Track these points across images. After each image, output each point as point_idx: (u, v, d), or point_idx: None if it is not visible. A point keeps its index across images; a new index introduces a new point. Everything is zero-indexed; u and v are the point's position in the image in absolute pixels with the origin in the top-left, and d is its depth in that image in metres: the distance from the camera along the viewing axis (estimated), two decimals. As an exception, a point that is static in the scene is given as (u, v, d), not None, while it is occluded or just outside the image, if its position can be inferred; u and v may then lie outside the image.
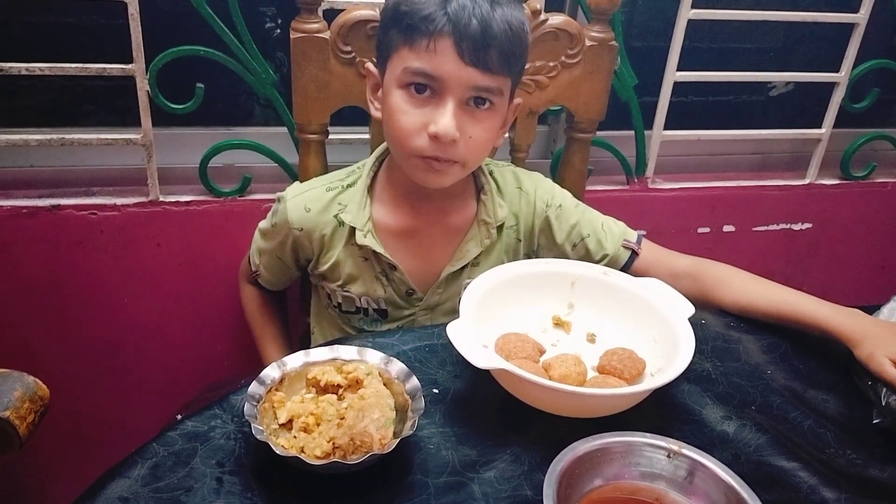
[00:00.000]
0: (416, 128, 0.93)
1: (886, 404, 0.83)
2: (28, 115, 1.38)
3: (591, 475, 0.70)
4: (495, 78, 0.92)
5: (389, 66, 0.95)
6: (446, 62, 0.90)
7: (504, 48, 0.91)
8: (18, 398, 0.78)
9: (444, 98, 0.92)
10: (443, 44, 0.89)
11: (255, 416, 0.71)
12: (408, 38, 0.91)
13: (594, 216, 1.12)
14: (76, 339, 1.40)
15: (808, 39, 1.73)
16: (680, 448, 0.71)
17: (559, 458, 0.68)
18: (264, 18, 1.39)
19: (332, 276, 1.09)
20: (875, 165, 1.72)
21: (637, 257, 1.08)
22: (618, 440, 0.72)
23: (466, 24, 0.88)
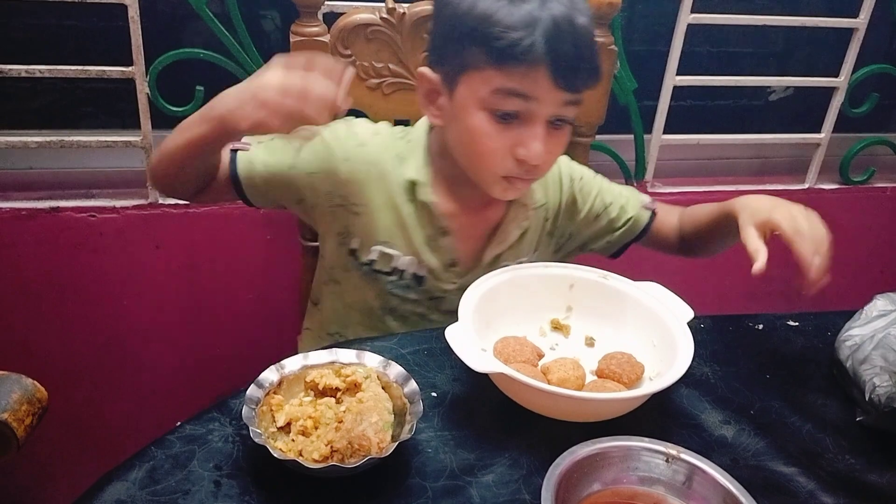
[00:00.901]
0: (502, 150, 0.91)
1: (870, 399, 0.83)
2: (28, 117, 1.38)
3: (590, 480, 0.70)
4: (579, 95, 0.91)
5: (465, 82, 0.90)
6: (542, 89, 0.87)
7: (592, 64, 0.90)
8: (16, 400, 0.78)
9: (534, 122, 0.90)
10: (540, 72, 0.86)
11: (253, 419, 0.70)
12: (498, 62, 0.86)
13: (612, 185, 1.14)
14: (75, 341, 1.39)
15: (808, 44, 1.73)
16: (678, 453, 0.71)
17: (557, 463, 0.68)
18: (264, 21, 1.39)
19: (361, 228, 1.01)
20: (874, 170, 1.72)
21: (655, 217, 1.13)
22: (616, 445, 0.72)
23: (562, 50, 0.85)
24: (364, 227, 1.01)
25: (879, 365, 0.86)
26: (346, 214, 1.01)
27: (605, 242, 1.15)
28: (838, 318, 0.98)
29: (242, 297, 1.45)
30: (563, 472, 0.67)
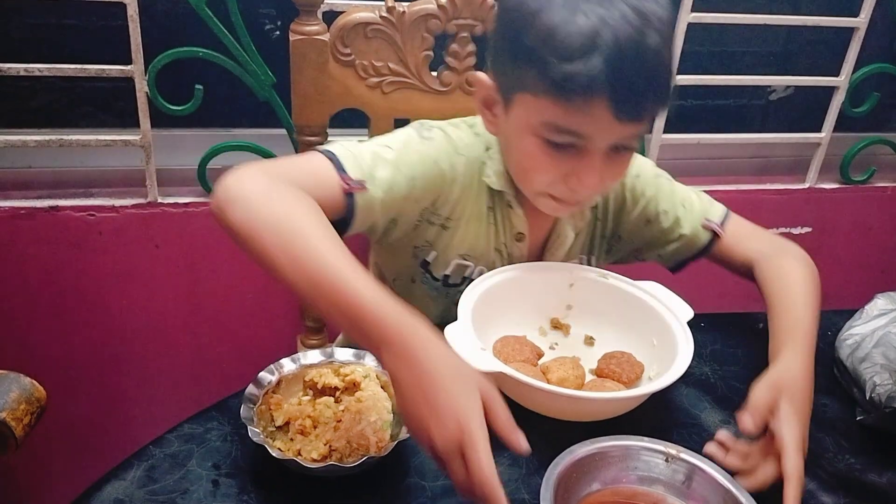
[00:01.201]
0: (552, 178, 0.84)
1: (870, 399, 0.82)
2: (27, 116, 1.38)
3: (589, 479, 0.70)
4: (645, 123, 0.82)
5: (520, 102, 0.82)
6: (600, 122, 0.77)
7: (660, 92, 0.79)
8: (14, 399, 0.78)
9: (590, 154, 0.81)
10: (599, 105, 0.75)
11: (251, 418, 0.70)
12: (554, 92, 0.76)
13: (676, 189, 1.02)
14: (73, 341, 1.39)
15: (809, 43, 1.73)
16: (678, 452, 0.71)
17: (556, 462, 0.68)
18: (263, 20, 1.39)
19: (445, 241, 0.94)
20: (875, 170, 1.72)
21: (719, 240, 1.00)
22: (616, 444, 0.72)
23: (627, 81, 0.74)
24: (449, 240, 0.95)
25: (880, 363, 0.86)
26: (434, 229, 0.94)
27: (657, 255, 1.04)
28: (838, 318, 0.98)
29: (241, 295, 1.45)
30: (562, 472, 0.67)
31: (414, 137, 0.89)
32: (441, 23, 1.11)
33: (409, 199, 0.87)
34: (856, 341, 0.92)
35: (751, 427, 0.73)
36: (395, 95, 1.15)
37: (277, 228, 0.68)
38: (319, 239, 0.68)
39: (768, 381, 0.77)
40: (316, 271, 0.65)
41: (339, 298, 0.64)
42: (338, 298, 0.64)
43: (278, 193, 0.71)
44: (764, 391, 0.76)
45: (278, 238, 0.68)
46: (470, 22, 1.13)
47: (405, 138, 0.88)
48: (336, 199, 0.80)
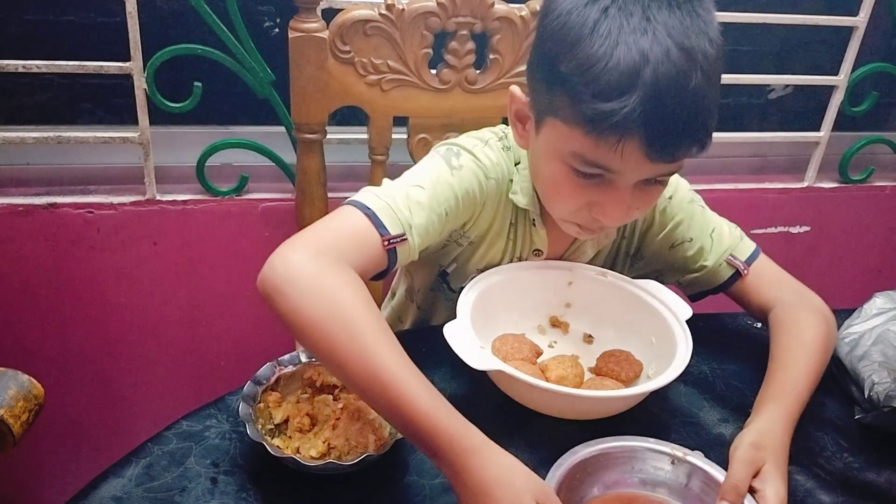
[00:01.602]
0: (577, 205, 0.82)
1: (868, 397, 0.82)
2: (25, 113, 1.38)
3: (591, 481, 0.70)
4: (680, 162, 0.78)
5: (550, 126, 0.79)
6: (630, 161, 0.74)
7: (700, 134, 0.75)
8: (12, 396, 0.78)
9: (618, 187, 0.78)
10: (631, 144, 0.73)
11: (250, 416, 0.70)
12: (586, 126, 0.73)
13: (708, 218, 0.99)
14: (71, 338, 1.39)
15: (807, 42, 1.73)
16: (685, 455, 0.71)
17: (559, 464, 0.68)
18: (262, 17, 1.39)
19: (467, 257, 0.95)
20: (873, 169, 1.72)
21: (741, 279, 0.96)
22: (619, 445, 0.72)
23: (663, 122, 0.71)
24: (470, 255, 0.95)
25: (878, 361, 0.86)
26: (460, 247, 0.95)
27: (676, 281, 1.02)
28: (837, 317, 0.98)
29: (240, 293, 1.44)
30: (564, 474, 0.67)
31: (444, 171, 0.86)
32: (440, 20, 1.11)
33: (443, 233, 0.87)
34: (854, 339, 0.92)
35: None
36: (395, 93, 1.15)
37: (328, 324, 0.67)
38: (374, 334, 0.67)
39: (750, 441, 0.73)
40: (372, 370, 0.65)
41: (393, 402, 0.64)
42: (392, 402, 0.64)
43: (326, 279, 0.70)
44: (747, 451, 0.72)
45: (329, 335, 0.67)
46: (469, 20, 1.12)
47: (436, 173, 0.85)
48: (379, 256, 0.79)
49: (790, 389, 0.81)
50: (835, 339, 0.92)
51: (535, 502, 0.61)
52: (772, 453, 0.72)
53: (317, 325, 0.67)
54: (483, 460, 0.63)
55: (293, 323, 0.68)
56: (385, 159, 1.21)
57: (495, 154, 0.90)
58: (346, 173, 1.37)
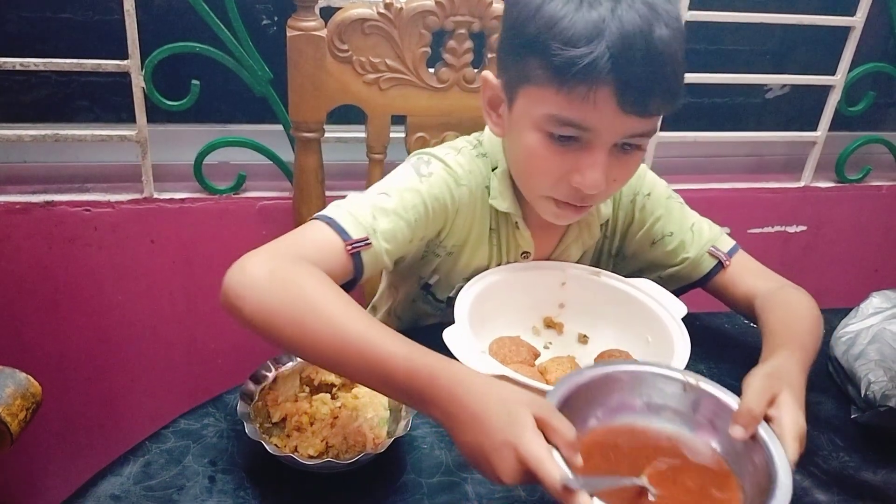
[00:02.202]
0: (556, 176, 0.82)
1: (864, 396, 0.83)
2: (22, 111, 1.37)
3: (595, 403, 0.66)
4: (652, 120, 0.79)
5: (523, 96, 0.81)
6: (603, 114, 0.75)
7: (671, 86, 0.77)
8: (10, 395, 0.78)
9: (594, 148, 0.79)
10: (602, 94, 0.74)
11: (248, 414, 0.70)
12: (558, 81, 0.75)
13: (687, 214, 1.00)
14: (69, 336, 1.39)
15: (805, 42, 1.73)
16: (697, 381, 0.67)
17: (562, 382, 0.64)
18: (260, 15, 1.39)
19: (448, 267, 0.94)
20: (870, 169, 1.72)
21: (723, 270, 0.96)
22: (628, 369, 0.69)
23: (632, 69, 0.73)
24: (452, 265, 0.94)
25: (874, 359, 0.86)
26: (438, 258, 0.94)
27: (657, 277, 1.00)
28: (833, 316, 0.98)
29: (238, 292, 1.44)
30: (566, 393, 0.63)
31: (413, 178, 0.86)
32: (439, 19, 1.11)
33: (413, 240, 0.86)
34: (851, 338, 0.92)
35: (741, 435, 0.64)
36: (393, 92, 1.15)
37: (292, 310, 0.67)
38: (335, 308, 0.67)
39: (765, 372, 0.71)
40: (343, 341, 0.65)
41: (371, 364, 0.63)
42: (370, 364, 0.64)
43: (284, 272, 0.71)
44: (761, 380, 0.69)
45: (295, 319, 0.67)
46: (468, 19, 1.12)
47: (404, 181, 0.86)
48: (343, 263, 0.78)
49: (798, 342, 0.80)
50: (822, 324, 0.91)
51: (531, 415, 0.58)
52: (788, 385, 0.69)
53: (281, 314, 0.67)
54: (470, 386, 0.61)
55: (259, 321, 0.68)
56: (383, 158, 1.21)
57: (468, 161, 0.91)
58: (343, 172, 1.37)
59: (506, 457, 0.57)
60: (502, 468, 0.57)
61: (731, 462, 0.65)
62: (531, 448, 0.56)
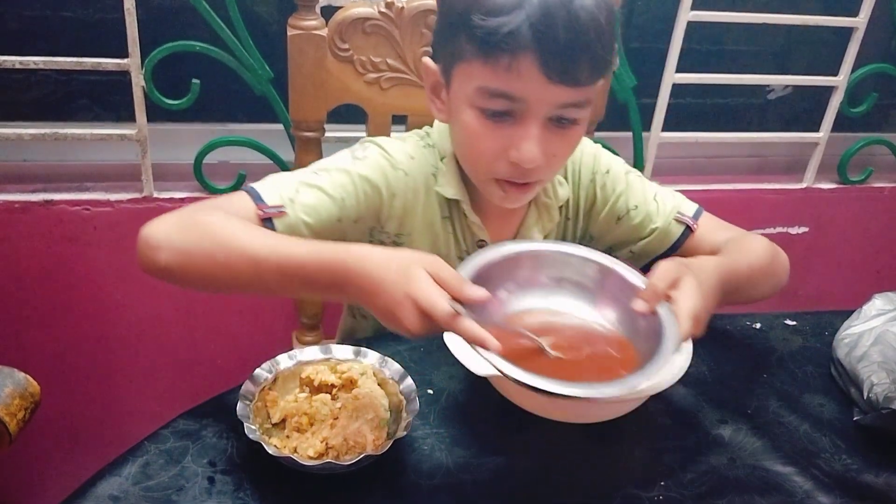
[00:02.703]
0: (494, 152, 0.82)
1: (867, 399, 0.82)
2: (22, 109, 1.37)
3: (506, 276, 0.74)
4: (585, 90, 0.79)
5: (457, 75, 0.82)
6: (530, 83, 0.76)
7: (596, 55, 0.76)
8: (8, 395, 0.77)
9: (527, 121, 0.79)
10: (526, 63, 0.74)
11: (247, 415, 0.70)
12: (483, 53, 0.76)
13: (647, 186, 1.00)
14: (68, 336, 1.39)
15: (807, 43, 1.73)
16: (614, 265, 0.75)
17: (477, 254, 0.72)
18: (261, 14, 1.38)
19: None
20: (872, 170, 1.72)
21: (692, 234, 0.97)
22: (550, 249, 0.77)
23: (553, 36, 0.73)
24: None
25: (877, 361, 0.86)
26: (385, 246, 0.91)
27: (629, 252, 1.01)
28: (836, 318, 0.98)
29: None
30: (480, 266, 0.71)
31: (346, 159, 0.88)
32: (440, 19, 1.11)
33: (344, 220, 0.86)
34: (853, 340, 0.92)
35: (643, 308, 0.72)
36: (394, 91, 1.15)
37: (205, 246, 0.73)
38: (244, 235, 0.73)
39: (678, 261, 0.76)
40: (255, 264, 0.71)
41: (287, 272, 0.70)
42: (286, 272, 0.70)
43: (192, 218, 0.76)
44: (669, 263, 0.74)
45: (209, 254, 0.73)
46: (469, 18, 1.12)
47: (337, 162, 0.88)
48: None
49: (730, 259, 0.85)
50: (783, 268, 0.96)
51: (424, 270, 0.65)
52: (696, 275, 0.74)
53: (195, 252, 0.73)
54: (372, 259, 0.68)
55: (176, 265, 0.73)
56: (384, 158, 1.20)
57: (413, 149, 0.92)
58: (344, 171, 1.36)
59: (407, 307, 0.65)
60: (406, 317, 0.65)
61: (629, 333, 0.72)
62: (424, 292, 0.64)
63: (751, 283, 0.89)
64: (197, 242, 0.73)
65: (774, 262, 0.94)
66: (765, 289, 0.94)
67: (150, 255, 0.74)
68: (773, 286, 0.95)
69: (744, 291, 0.88)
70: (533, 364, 0.66)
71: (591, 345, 0.72)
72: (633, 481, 0.73)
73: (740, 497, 0.72)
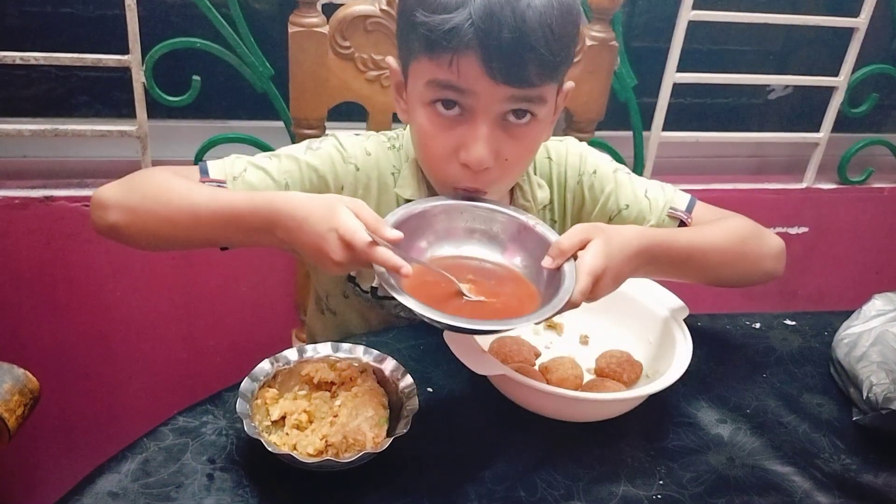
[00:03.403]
0: (445, 153, 0.81)
1: (867, 399, 0.82)
2: (22, 105, 1.37)
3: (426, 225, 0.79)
4: (535, 89, 0.78)
5: (411, 74, 0.82)
6: (474, 81, 0.76)
7: (544, 57, 0.75)
8: (8, 390, 0.77)
9: (475, 119, 0.78)
10: (468, 61, 0.74)
11: (247, 413, 0.70)
12: (428, 49, 0.76)
13: (636, 182, 0.99)
14: (67, 332, 1.39)
15: (808, 43, 1.73)
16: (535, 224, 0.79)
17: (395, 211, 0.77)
18: (262, 11, 1.38)
19: None
20: (872, 170, 1.72)
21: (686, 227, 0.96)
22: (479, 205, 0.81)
23: (496, 36, 0.73)
24: None
25: (876, 361, 0.86)
26: None
27: None
28: (835, 318, 0.98)
29: (236, 288, 1.44)
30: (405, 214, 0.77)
31: (299, 149, 0.90)
32: (441, 17, 1.11)
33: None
34: (853, 340, 0.92)
35: (549, 264, 0.75)
36: (394, 89, 1.14)
37: (149, 201, 0.79)
38: (184, 188, 0.79)
39: (592, 224, 0.78)
40: (195, 213, 0.77)
41: (227, 219, 0.76)
42: (226, 220, 0.76)
43: (138, 178, 0.83)
44: (582, 226, 0.77)
45: (153, 209, 0.79)
46: (470, 16, 1.12)
47: (292, 149, 0.90)
48: None
49: (660, 232, 0.87)
50: (769, 252, 0.95)
51: (346, 208, 0.70)
52: (611, 237, 0.76)
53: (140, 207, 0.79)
54: (299, 200, 0.73)
55: (123, 222, 0.80)
56: (384, 156, 1.20)
57: (374, 147, 0.93)
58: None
59: (331, 239, 0.70)
60: (331, 249, 0.70)
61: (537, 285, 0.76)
62: (346, 224, 0.69)
63: (707, 261, 0.89)
64: (141, 200, 0.80)
65: (751, 244, 0.93)
66: (739, 269, 0.93)
67: (100, 214, 0.81)
68: (754, 270, 0.95)
69: (693, 267, 0.89)
70: (451, 307, 0.71)
71: (502, 289, 0.76)
72: (633, 480, 0.73)
73: (739, 497, 0.72)
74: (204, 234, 0.79)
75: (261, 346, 1.19)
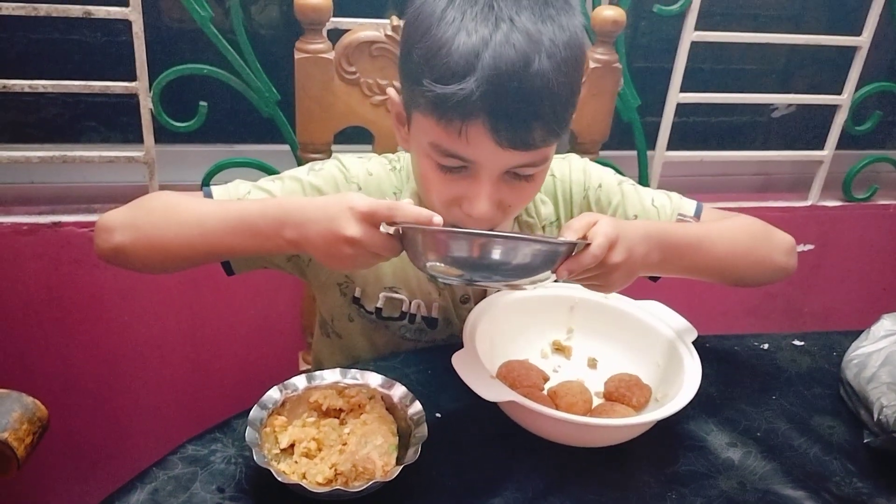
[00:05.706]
0: (447, 200, 0.81)
1: (877, 420, 0.82)
2: (30, 132, 1.38)
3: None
4: (540, 151, 0.78)
5: (415, 120, 0.81)
6: (481, 148, 0.75)
7: (549, 121, 0.75)
8: (17, 419, 0.77)
9: (479, 177, 0.78)
10: (476, 129, 0.73)
11: (256, 442, 0.70)
12: (436, 113, 0.75)
13: (642, 193, 0.99)
14: (75, 358, 1.39)
15: (811, 61, 1.73)
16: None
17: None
18: (268, 38, 1.39)
19: (363, 275, 0.94)
20: (877, 188, 1.72)
21: None
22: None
23: (504, 104, 0.72)
24: (366, 274, 0.94)
25: (886, 382, 0.85)
26: None
27: None
28: (844, 338, 0.98)
29: (243, 312, 1.44)
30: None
31: (303, 170, 0.92)
32: (446, 41, 1.11)
33: None
34: (862, 361, 0.91)
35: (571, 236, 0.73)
36: (400, 113, 1.15)
37: (155, 220, 0.81)
38: (189, 204, 0.81)
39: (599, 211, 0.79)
40: (202, 227, 0.78)
41: (233, 228, 0.77)
42: (232, 229, 0.77)
43: (140, 202, 0.84)
44: (587, 213, 0.77)
45: (160, 227, 0.80)
46: (475, 41, 1.12)
47: (295, 171, 0.92)
48: None
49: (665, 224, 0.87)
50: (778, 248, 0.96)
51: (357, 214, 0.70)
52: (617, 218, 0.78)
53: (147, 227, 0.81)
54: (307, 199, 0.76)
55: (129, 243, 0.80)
56: (390, 179, 1.21)
57: (376, 168, 0.94)
58: (350, 192, 1.37)
59: (344, 217, 0.70)
60: (344, 227, 0.70)
61: None
62: (362, 199, 0.70)
63: (717, 251, 0.89)
64: (146, 216, 0.82)
65: (760, 237, 0.94)
66: (750, 261, 0.93)
67: (105, 237, 0.82)
68: (766, 264, 0.95)
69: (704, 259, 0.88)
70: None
71: None
72: (643, 506, 0.72)
73: (751, 522, 0.71)
74: (210, 243, 0.79)
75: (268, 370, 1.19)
